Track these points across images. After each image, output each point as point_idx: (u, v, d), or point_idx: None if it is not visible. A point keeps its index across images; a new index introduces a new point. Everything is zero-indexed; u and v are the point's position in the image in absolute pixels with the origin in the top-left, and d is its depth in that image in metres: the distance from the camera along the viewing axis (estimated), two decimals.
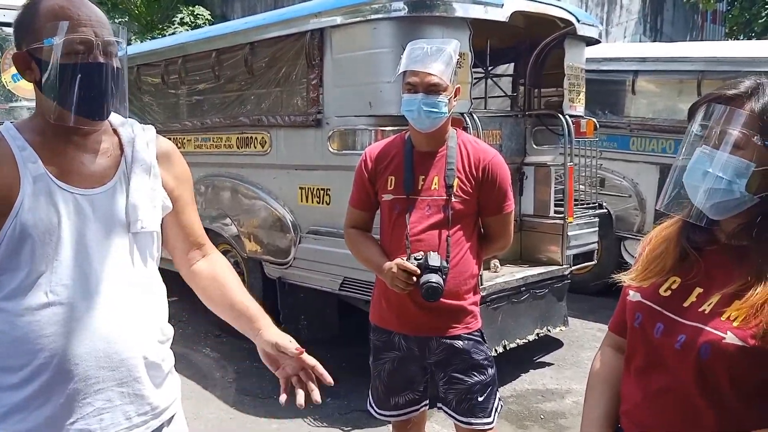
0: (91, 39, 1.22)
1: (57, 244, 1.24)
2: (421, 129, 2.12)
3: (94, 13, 1.26)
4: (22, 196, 1.22)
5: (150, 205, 1.37)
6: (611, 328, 1.40)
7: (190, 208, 1.51)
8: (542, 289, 4.09)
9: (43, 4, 1.24)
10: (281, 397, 1.38)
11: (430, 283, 2.01)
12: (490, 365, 2.24)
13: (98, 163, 1.32)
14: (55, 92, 1.24)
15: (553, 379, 4.12)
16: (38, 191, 1.23)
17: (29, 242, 1.22)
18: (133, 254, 1.34)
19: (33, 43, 1.23)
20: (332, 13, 3.64)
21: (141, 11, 11.96)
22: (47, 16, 1.22)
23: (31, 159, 1.25)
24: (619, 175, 5.67)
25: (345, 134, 3.66)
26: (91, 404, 1.27)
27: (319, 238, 3.89)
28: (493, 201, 2.18)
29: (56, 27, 1.20)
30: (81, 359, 1.24)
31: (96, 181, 1.31)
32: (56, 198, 1.25)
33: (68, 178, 1.27)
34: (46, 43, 1.20)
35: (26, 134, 1.28)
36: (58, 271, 1.24)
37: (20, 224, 1.21)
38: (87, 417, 1.27)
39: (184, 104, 4.89)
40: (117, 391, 1.29)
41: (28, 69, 1.27)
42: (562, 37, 4.22)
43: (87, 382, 1.26)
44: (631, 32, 14.26)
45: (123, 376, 1.30)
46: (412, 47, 2.10)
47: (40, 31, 1.21)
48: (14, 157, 1.24)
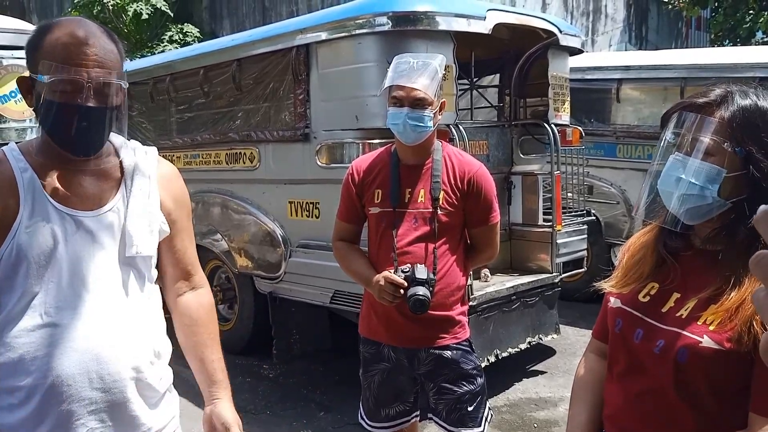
0: (82, 81, 1.21)
1: (52, 265, 1.25)
2: (406, 142, 2.14)
3: (95, 50, 1.23)
4: (20, 218, 1.23)
5: (147, 230, 1.37)
6: (594, 334, 1.42)
7: (185, 234, 1.50)
8: (533, 298, 4.11)
9: (51, 34, 1.24)
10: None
11: (417, 296, 2.02)
12: (479, 374, 2.25)
13: (98, 185, 1.33)
14: (45, 125, 1.26)
15: (546, 388, 4.13)
16: (36, 213, 1.25)
17: (24, 264, 1.23)
18: (129, 277, 1.34)
19: (32, 72, 1.24)
20: (317, 28, 3.68)
21: (130, 30, 11.99)
22: (48, 49, 1.22)
23: (32, 181, 1.26)
24: (607, 182, 5.71)
25: (333, 148, 3.68)
26: (85, 425, 1.27)
27: (309, 252, 3.89)
28: (479, 213, 2.20)
29: (46, 66, 1.20)
30: (74, 380, 1.25)
31: (95, 204, 1.32)
32: (53, 220, 1.26)
33: (67, 200, 1.29)
34: (39, 78, 1.21)
35: (29, 156, 1.30)
36: (52, 293, 1.25)
37: (17, 246, 1.23)
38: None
39: (173, 121, 4.90)
40: (109, 412, 1.30)
41: (28, 94, 1.28)
42: (545, 47, 4.27)
43: (80, 403, 1.26)
44: (617, 41, 14.41)
45: (116, 398, 1.30)
46: (398, 61, 2.13)
47: (37, 62, 1.22)
48: (15, 178, 1.26)
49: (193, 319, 1.50)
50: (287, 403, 3.98)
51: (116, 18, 11.71)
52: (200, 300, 1.53)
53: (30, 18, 14.42)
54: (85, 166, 1.31)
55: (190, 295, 1.53)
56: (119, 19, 11.76)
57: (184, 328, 1.51)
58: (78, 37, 1.23)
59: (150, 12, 11.33)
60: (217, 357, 1.51)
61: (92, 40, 1.24)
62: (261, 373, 4.47)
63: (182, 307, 1.51)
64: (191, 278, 1.53)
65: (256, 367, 4.57)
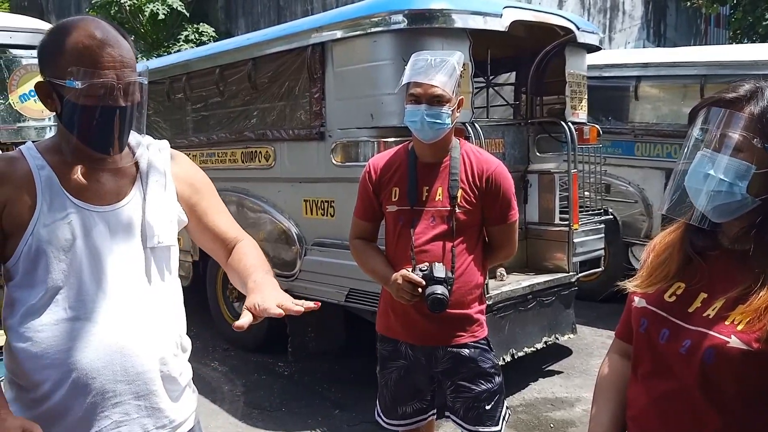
0: (113, 83, 1.23)
1: (72, 260, 1.26)
2: (424, 140, 2.13)
3: (118, 51, 1.25)
4: (38, 214, 1.25)
5: (166, 220, 1.39)
6: (617, 334, 1.40)
7: (213, 210, 1.50)
8: (549, 297, 4.08)
9: (70, 38, 1.23)
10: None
11: (435, 295, 2.01)
12: (497, 373, 2.23)
13: (115, 180, 1.35)
14: (74, 128, 1.27)
15: (562, 388, 4.10)
16: (54, 209, 1.26)
17: (44, 259, 1.25)
18: (150, 269, 1.36)
19: (55, 78, 1.24)
20: (333, 27, 3.67)
21: (146, 30, 12.08)
22: (72, 54, 1.22)
23: (49, 178, 1.28)
24: (625, 180, 5.65)
25: (348, 146, 3.67)
26: (109, 417, 1.29)
27: (324, 250, 3.89)
28: (497, 211, 2.19)
29: (78, 72, 1.20)
30: (98, 373, 1.27)
31: (112, 198, 1.34)
32: (72, 215, 1.27)
33: (85, 195, 1.30)
34: (68, 84, 1.21)
35: (46, 154, 1.31)
36: (74, 287, 1.26)
37: (36, 241, 1.24)
38: (105, 430, 1.29)
39: (189, 120, 4.93)
40: (134, 405, 1.31)
41: (49, 98, 1.28)
42: (562, 45, 4.23)
43: (104, 395, 1.28)
44: (635, 38, 14.27)
45: (140, 390, 1.32)
46: (416, 58, 2.11)
47: (63, 68, 1.22)
48: (33, 176, 1.27)
49: (240, 254, 1.47)
50: (302, 400, 3.99)
51: (133, 18, 11.81)
52: (241, 243, 1.51)
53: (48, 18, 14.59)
54: (102, 162, 1.33)
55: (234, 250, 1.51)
56: (136, 19, 11.85)
57: (231, 269, 1.48)
58: (100, 39, 1.23)
59: (166, 12, 11.41)
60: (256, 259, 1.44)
61: (113, 41, 1.25)
62: (276, 371, 4.48)
63: (231, 257, 1.49)
64: (233, 239, 1.52)
65: (272, 364, 4.58)
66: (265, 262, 1.46)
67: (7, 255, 1.26)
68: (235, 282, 1.49)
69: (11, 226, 1.25)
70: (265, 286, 1.31)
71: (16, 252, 1.25)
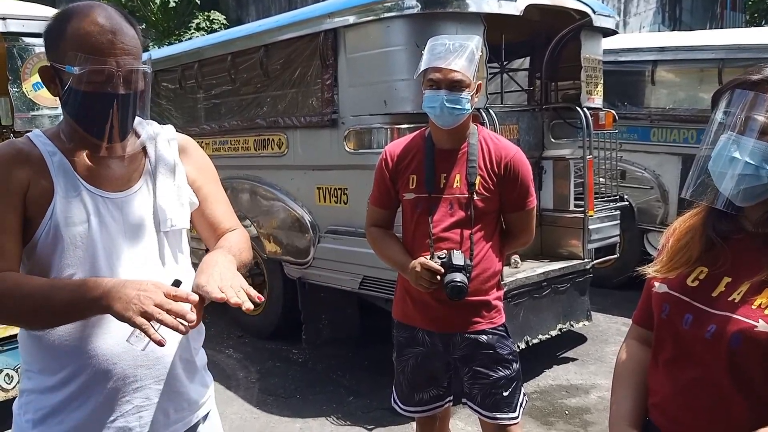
0: (112, 70, 1.22)
1: (87, 246, 1.26)
2: (443, 126, 2.10)
3: (120, 37, 1.23)
4: (55, 200, 1.25)
5: (177, 203, 1.39)
6: (635, 320, 1.38)
7: (213, 198, 1.50)
8: (564, 284, 4.05)
9: (72, 24, 1.23)
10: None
11: (454, 282, 2.00)
12: (515, 360, 2.22)
13: (123, 167, 1.35)
14: (74, 115, 1.27)
15: (577, 375, 4.08)
16: (70, 195, 1.26)
17: (61, 245, 1.25)
18: (164, 253, 1.36)
19: (56, 62, 1.24)
20: (345, 12, 3.64)
21: (158, 18, 12.08)
22: (72, 40, 1.21)
23: (62, 164, 1.28)
24: (641, 166, 5.59)
25: (361, 133, 3.65)
26: (130, 402, 1.30)
27: (337, 238, 3.89)
28: (516, 198, 2.17)
29: (77, 57, 1.20)
30: (119, 359, 1.27)
31: (123, 184, 1.34)
32: (87, 202, 1.28)
33: (97, 182, 1.30)
34: (68, 69, 1.21)
35: (55, 141, 1.31)
36: (89, 273, 1.26)
37: (53, 228, 1.24)
38: (126, 415, 1.30)
39: (201, 108, 4.92)
40: (155, 389, 1.33)
41: (52, 83, 1.28)
42: (577, 29, 4.18)
43: (125, 380, 1.29)
44: (650, 22, 14.07)
45: (160, 374, 1.33)
46: (434, 43, 2.08)
47: (63, 53, 1.22)
48: (46, 162, 1.27)
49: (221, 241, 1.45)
50: (317, 387, 4.00)
51: (144, 6, 11.80)
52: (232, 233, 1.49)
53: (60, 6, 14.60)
54: (110, 149, 1.32)
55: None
56: (147, 7, 11.85)
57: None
58: (102, 26, 1.22)
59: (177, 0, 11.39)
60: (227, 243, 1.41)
61: (117, 28, 1.24)
62: (291, 358, 4.50)
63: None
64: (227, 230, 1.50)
65: (286, 351, 4.60)
66: (239, 247, 1.41)
67: (26, 240, 1.26)
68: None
69: (33, 209, 1.25)
70: (211, 265, 1.25)
71: (34, 237, 1.25)
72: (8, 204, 1.23)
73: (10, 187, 1.23)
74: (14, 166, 1.25)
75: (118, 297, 1.11)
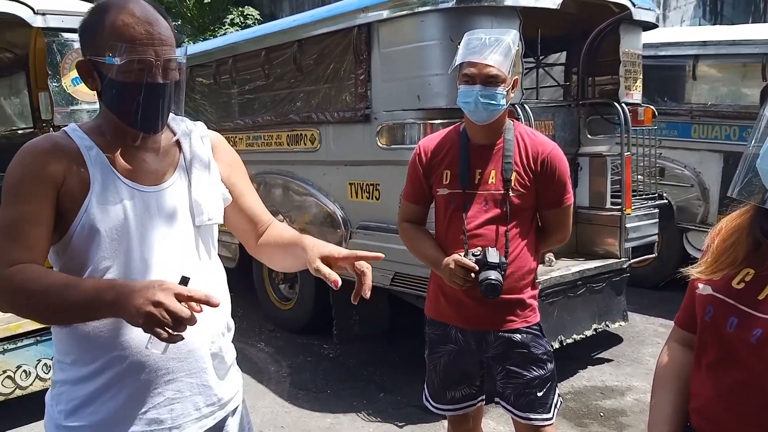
0: (151, 60, 1.24)
1: (122, 239, 1.27)
2: (478, 121, 2.07)
3: (157, 28, 1.25)
4: (92, 194, 1.26)
5: (212, 198, 1.40)
6: (677, 322, 1.33)
7: (248, 192, 1.52)
8: (600, 283, 3.97)
9: (109, 16, 1.24)
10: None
11: (489, 281, 1.97)
12: (550, 360, 2.18)
13: (159, 160, 1.36)
14: (114, 106, 1.29)
15: (612, 376, 4.00)
16: (106, 189, 1.27)
17: (97, 238, 1.26)
18: (198, 247, 1.37)
19: (95, 56, 1.25)
20: (379, 7, 3.62)
21: (193, 14, 12.24)
22: (110, 31, 1.23)
23: (99, 158, 1.29)
24: (680, 164, 5.44)
25: (393, 129, 3.63)
26: (162, 394, 1.31)
27: (369, 234, 3.87)
28: (552, 194, 2.13)
29: (117, 47, 1.21)
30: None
31: (159, 179, 1.35)
32: (123, 195, 1.29)
33: (133, 176, 1.31)
34: (107, 60, 1.22)
35: (91, 135, 1.32)
36: (125, 266, 1.27)
37: (89, 221, 1.25)
38: (158, 407, 1.31)
39: (235, 103, 4.96)
40: (186, 382, 1.33)
41: (90, 77, 1.30)
42: (617, 22, 4.08)
43: (158, 372, 1.30)
44: (690, 16, 13.70)
45: (191, 367, 1.33)
46: (469, 37, 2.05)
47: (102, 46, 1.23)
48: (83, 156, 1.28)
49: (269, 238, 1.52)
50: (347, 382, 4.01)
51: (180, 3, 11.96)
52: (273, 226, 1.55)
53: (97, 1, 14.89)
54: (146, 143, 1.34)
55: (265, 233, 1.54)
56: (183, 4, 12.00)
57: (267, 249, 1.52)
58: (139, 17, 1.24)
59: None
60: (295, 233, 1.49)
61: (153, 19, 1.26)
62: (322, 353, 4.52)
63: (264, 238, 1.52)
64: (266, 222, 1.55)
65: (317, 346, 4.62)
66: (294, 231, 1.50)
67: (61, 233, 1.27)
68: (274, 259, 1.51)
69: (68, 202, 1.26)
70: (323, 243, 1.36)
71: (69, 230, 1.26)
72: (41, 196, 1.24)
73: (45, 180, 1.24)
74: (50, 159, 1.26)
75: (127, 303, 1.10)
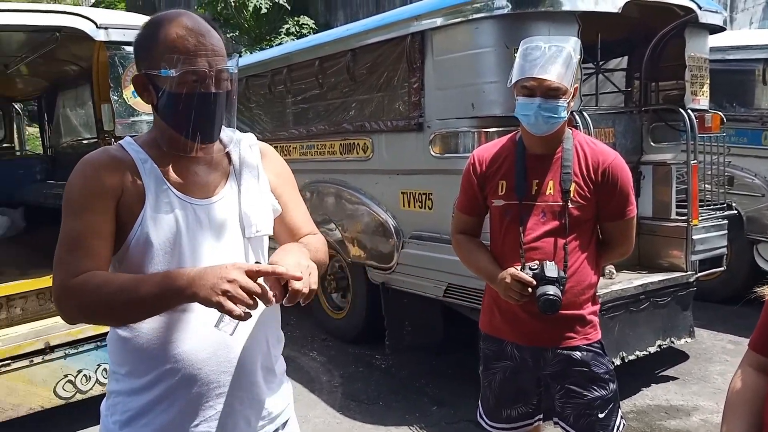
0: (205, 70, 1.25)
1: (175, 252, 1.28)
2: (536, 134, 1.99)
3: (209, 39, 1.27)
4: (146, 207, 1.27)
5: (262, 210, 1.40)
6: (752, 346, 1.23)
7: (293, 204, 1.51)
8: (664, 298, 3.79)
9: (162, 30, 1.26)
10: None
11: (547, 296, 1.88)
12: (612, 379, 2.08)
13: (210, 173, 1.37)
14: (169, 118, 1.30)
15: (677, 395, 3.81)
16: (160, 202, 1.29)
17: (150, 251, 1.27)
18: (248, 258, 1.37)
19: (150, 69, 1.27)
20: (433, 15, 3.58)
21: (250, 25, 12.49)
22: (165, 45, 1.25)
23: (153, 171, 1.31)
24: (750, 172, 5.16)
25: (447, 137, 3.57)
26: (213, 408, 1.31)
27: (422, 244, 3.82)
28: (615, 206, 2.03)
29: (172, 59, 1.23)
30: (203, 364, 1.29)
31: (210, 191, 1.36)
32: (176, 208, 1.30)
33: (185, 188, 1.33)
34: (163, 73, 1.24)
35: (146, 148, 1.34)
36: None
37: (143, 233, 1.27)
38: (209, 420, 1.31)
39: (289, 113, 5.00)
40: (237, 396, 1.33)
41: (145, 91, 1.32)
42: (682, 25, 3.91)
43: (209, 386, 1.30)
44: (759, 18, 13.09)
45: (242, 382, 1.34)
46: (528, 47, 1.95)
47: (157, 59, 1.25)
48: (138, 169, 1.30)
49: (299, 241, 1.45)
50: (399, 394, 3.95)
51: (237, 14, 12.23)
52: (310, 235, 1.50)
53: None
54: (198, 155, 1.35)
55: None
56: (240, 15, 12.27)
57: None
58: (191, 29, 1.26)
59: (269, 6, 11.73)
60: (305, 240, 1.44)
61: (204, 30, 1.27)
62: (373, 363, 4.48)
63: None
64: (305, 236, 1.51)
65: (369, 356, 4.58)
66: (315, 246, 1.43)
67: (119, 244, 1.29)
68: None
69: (126, 214, 1.27)
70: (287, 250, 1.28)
71: (126, 241, 1.28)
72: (102, 208, 1.26)
73: (104, 192, 1.26)
74: (108, 172, 1.28)
75: (202, 284, 1.11)
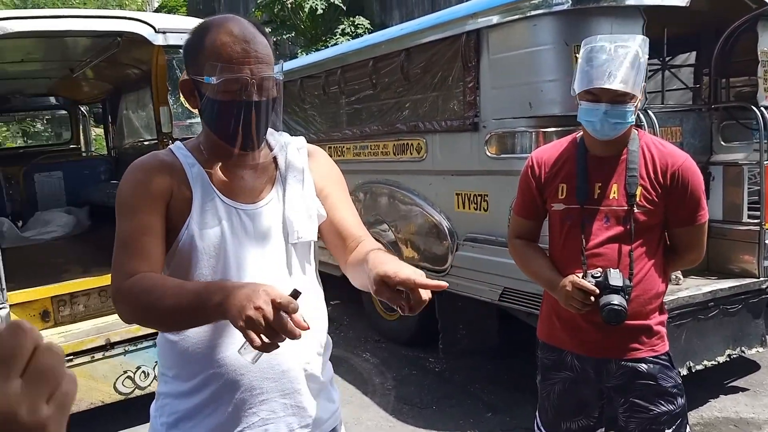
0: (246, 78, 1.24)
1: (219, 256, 1.28)
2: (601, 138, 1.90)
3: (253, 46, 1.25)
4: (193, 211, 1.28)
5: (306, 215, 1.38)
6: None
7: (340, 205, 1.45)
8: (734, 305, 3.59)
9: (209, 36, 1.26)
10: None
11: (611, 306, 1.79)
12: (680, 394, 1.96)
13: (255, 178, 1.37)
14: (212, 124, 1.31)
15: (748, 407, 3.60)
16: (206, 205, 1.29)
17: (196, 255, 1.28)
18: (292, 265, 1.35)
19: (195, 74, 1.28)
20: (489, 12, 3.50)
21: (306, 26, 12.60)
22: (210, 51, 1.25)
23: (200, 175, 1.32)
24: None
25: (503, 137, 3.49)
26: (257, 414, 1.30)
27: (476, 246, 3.75)
28: (685, 211, 1.91)
29: (215, 67, 1.23)
30: (247, 369, 1.28)
31: (255, 196, 1.35)
32: (221, 213, 1.30)
33: (231, 193, 1.33)
34: (206, 80, 1.24)
35: (194, 152, 1.35)
36: None
37: (190, 237, 1.27)
38: (253, 427, 1.30)
39: (343, 113, 5.01)
40: (280, 402, 1.32)
41: (191, 96, 1.33)
42: (754, 19, 3.70)
43: (252, 392, 1.29)
44: None
45: (285, 388, 1.32)
46: (592, 48, 1.84)
47: (202, 65, 1.25)
48: (186, 173, 1.31)
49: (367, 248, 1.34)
50: (453, 399, 3.89)
51: (294, 15, 12.36)
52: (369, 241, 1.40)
53: None
54: (244, 160, 1.34)
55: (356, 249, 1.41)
56: (297, 16, 12.39)
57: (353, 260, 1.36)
58: (237, 36, 1.25)
59: (324, 7, 11.80)
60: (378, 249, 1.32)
61: (250, 37, 1.26)
62: (427, 367, 4.43)
63: (352, 255, 1.38)
64: (357, 238, 1.42)
65: (422, 360, 4.53)
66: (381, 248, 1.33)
67: (168, 247, 1.29)
68: (354, 278, 1.36)
69: (174, 217, 1.28)
70: (391, 258, 1.20)
71: (174, 243, 1.29)
72: (154, 209, 1.27)
73: (155, 194, 1.28)
74: (158, 175, 1.29)
75: (232, 304, 1.06)
